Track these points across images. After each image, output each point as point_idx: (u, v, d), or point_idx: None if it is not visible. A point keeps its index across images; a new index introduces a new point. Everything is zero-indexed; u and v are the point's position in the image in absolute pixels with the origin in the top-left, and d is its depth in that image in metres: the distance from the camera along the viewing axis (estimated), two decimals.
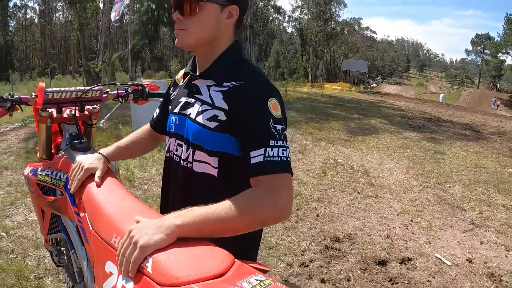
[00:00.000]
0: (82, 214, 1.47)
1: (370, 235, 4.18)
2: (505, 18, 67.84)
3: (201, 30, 1.31)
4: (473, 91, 70.47)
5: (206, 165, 1.31)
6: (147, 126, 1.77)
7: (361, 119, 14.58)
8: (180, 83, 1.55)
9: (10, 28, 68.87)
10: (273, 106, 1.23)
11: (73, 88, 1.95)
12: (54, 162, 1.81)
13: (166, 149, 1.50)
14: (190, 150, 1.35)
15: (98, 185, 1.46)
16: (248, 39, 40.32)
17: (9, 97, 1.83)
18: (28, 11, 74.30)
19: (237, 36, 1.40)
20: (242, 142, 1.23)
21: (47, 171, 1.77)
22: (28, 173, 1.88)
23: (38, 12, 75.17)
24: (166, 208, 1.53)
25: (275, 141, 1.17)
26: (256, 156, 1.16)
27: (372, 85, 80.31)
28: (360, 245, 3.91)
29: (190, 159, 1.35)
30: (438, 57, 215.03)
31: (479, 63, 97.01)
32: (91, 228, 1.34)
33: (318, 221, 4.48)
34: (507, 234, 4.54)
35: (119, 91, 2.14)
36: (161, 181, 4.24)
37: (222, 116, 1.26)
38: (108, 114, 9.91)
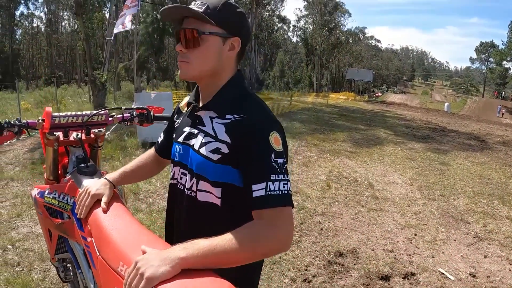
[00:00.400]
0: (89, 239, 1.50)
1: (373, 250, 4.21)
2: (509, 26, 67.85)
3: (203, 62, 1.34)
4: (478, 99, 70.28)
5: (210, 194, 1.34)
6: (152, 151, 1.81)
7: (366, 129, 14.61)
8: (184, 111, 1.58)
9: (17, 36, 69.60)
10: (274, 140, 1.26)
11: (79, 113, 1.99)
12: (61, 185, 1.84)
13: (171, 177, 1.53)
14: (194, 180, 1.37)
15: (105, 211, 1.50)
16: (253, 49, 40.50)
17: (17, 122, 1.86)
18: (34, 20, 75.24)
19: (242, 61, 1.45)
20: (244, 175, 1.26)
21: (55, 194, 1.80)
22: (35, 195, 1.91)
23: (44, 21, 76.10)
24: (171, 233, 1.57)
25: (276, 175, 1.20)
26: (258, 190, 1.19)
27: (377, 94, 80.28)
28: (363, 260, 3.94)
29: (194, 188, 1.38)
30: (443, 65, 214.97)
31: (483, 71, 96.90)
32: (98, 254, 1.38)
33: (322, 236, 4.51)
34: (511, 247, 4.55)
35: (124, 115, 2.18)
36: (165, 194, 4.28)
37: (224, 149, 1.29)
38: (114, 126, 10.07)
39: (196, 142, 1.38)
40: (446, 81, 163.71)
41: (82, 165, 1.87)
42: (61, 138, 1.94)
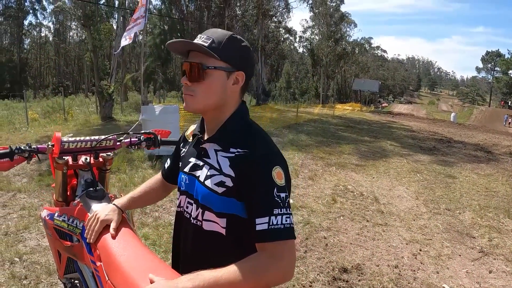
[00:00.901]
0: (98, 264, 1.55)
1: (378, 265, 4.23)
2: None
3: (208, 96, 1.38)
4: (485, 109, 69.97)
5: (215, 224, 1.39)
6: (159, 176, 1.86)
7: (372, 141, 14.60)
8: (190, 140, 1.63)
9: (25, 46, 70.42)
10: (277, 174, 1.29)
11: (87, 138, 2.04)
12: (70, 208, 1.89)
13: (177, 205, 1.59)
14: (200, 210, 1.42)
15: (113, 237, 1.56)
16: (260, 60, 40.53)
17: (27, 147, 1.92)
18: (42, 29, 76.17)
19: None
20: (248, 208, 1.30)
21: (64, 217, 1.85)
22: (45, 216, 1.96)
23: (52, 31, 77.05)
24: (177, 259, 1.62)
25: (279, 209, 1.24)
26: (261, 224, 1.23)
27: (383, 105, 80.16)
28: (368, 276, 3.96)
29: (199, 218, 1.42)
30: (449, 75, 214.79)
31: (490, 80, 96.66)
32: (107, 278, 1.44)
33: (327, 251, 4.54)
34: None
35: (132, 139, 2.22)
36: (172, 208, 4.35)
37: (229, 183, 1.33)
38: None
39: (201, 174, 1.42)
40: (452, 91, 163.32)
41: (91, 189, 1.93)
42: (70, 162, 2.00)
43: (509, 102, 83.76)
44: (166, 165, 1.81)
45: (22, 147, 1.90)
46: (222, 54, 1.35)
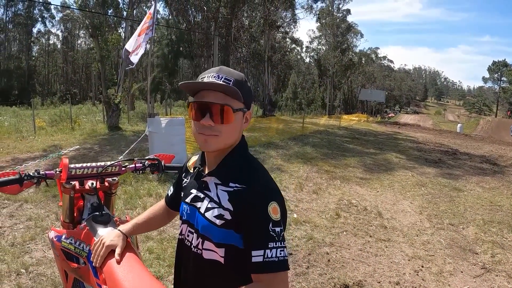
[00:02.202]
0: (104, 287, 1.61)
1: (379, 282, 4.26)
2: None
3: (231, 136, 1.46)
4: (491, 119, 69.58)
5: (214, 253, 1.45)
6: (162, 202, 1.92)
7: (377, 154, 14.61)
8: (191, 171, 1.69)
9: (33, 53, 71.08)
10: (273, 210, 1.36)
11: (94, 164, 2.10)
12: (77, 232, 1.95)
13: (179, 232, 1.66)
14: (200, 239, 1.48)
15: (118, 262, 1.62)
16: (266, 70, 40.72)
17: (36, 173, 1.98)
18: (51, 37, 76.90)
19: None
20: (245, 241, 1.37)
21: (71, 240, 1.92)
22: (52, 238, 2.02)
23: (60, 39, 77.87)
24: (178, 285, 1.68)
25: (274, 243, 1.31)
26: (257, 256, 1.30)
27: (390, 115, 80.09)
28: None
29: (200, 246, 1.48)
30: (456, 85, 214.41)
31: (496, 90, 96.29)
32: None
33: (329, 267, 4.57)
34: None
35: (136, 165, 2.28)
36: (177, 221, 4.43)
37: (227, 216, 1.40)
38: (127, 150, 10.21)
39: (202, 205, 1.49)
40: (459, 101, 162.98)
41: (97, 213, 1.99)
42: (77, 186, 2.06)
43: None
44: (169, 193, 1.87)
45: (31, 174, 1.97)
46: (243, 96, 1.42)
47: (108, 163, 2.14)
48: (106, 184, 2.15)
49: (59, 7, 67.02)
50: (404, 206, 7.36)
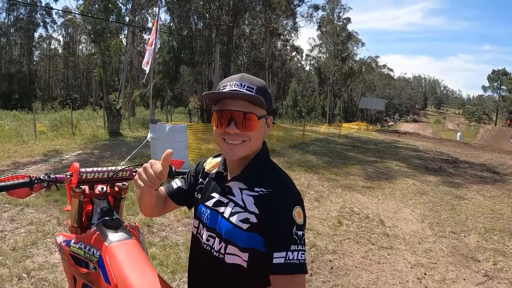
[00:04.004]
0: None
1: None
2: None
3: (256, 143, 1.48)
4: (491, 128, 69.74)
5: (237, 257, 1.45)
6: (162, 190, 1.82)
7: (378, 162, 14.65)
8: (210, 173, 1.69)
9: (34, 57, 71.24)
10: (297, 214, 1.38)
11: (105, 169, 2.07)
12: (87, 236, 1.92)
13: (197, 232, 1.64)
14: (223, 244, 1.47)
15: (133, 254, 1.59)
16: (267, 78, 40.88)
17: (46, 177, 1.94)
18: (52, 42, 77.08)
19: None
20: (267, 243, 1.37)
21: (81, 245, 1.88)
22: (61, 242, 1.99)
23: (62, 44, 77.99)
24: (194, 283, 1.67)
25: (296, 246, 1.33)
26: (278, 258, 1.31)
27: (389, 123, 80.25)
28: None
29: (222, 251, 1.47)
30: (455, 93, 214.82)
31: (496, 99, 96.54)
32: None
33: (332, 275, 4.56)
34: None
35: None
36: (179, 228, 4.36)
37: (253, 219, 1.41)
38: (129, 156, 10.22)
39: (226, 210, 1.49)
40: (459, 109, 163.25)
41: (107, 218, 1.96)
42: (87, 191, 2.04)
43: None
44: (175, 185, 1.82)
45: (42, 177, 1.94)
46: (266, 103, 1.45)
47: (119, 167, 2.12)
48: (116, 189, 2.13)
49: (60, 12, 67.36)
50: (406, 214, 7.36)
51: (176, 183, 1.82)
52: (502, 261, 5.31)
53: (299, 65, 75.30)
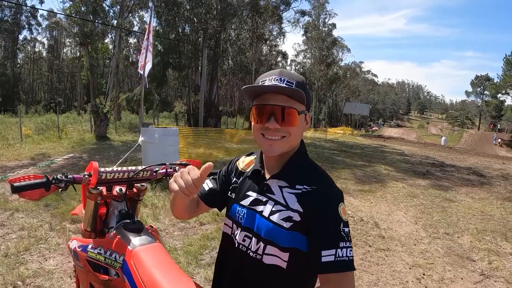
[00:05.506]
0: None
1: None
2: (504, 59, 68.95)
3: (296, 138, 1.46)
4: (474, 132, 70.77)
5: (277, 258, 1.41)
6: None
7: (366, 166, 14.75)
8: (245, 171, 1.65)
9: (19, 60, 70.08)
10: (343, 210, 1.37)
11: (125, 168, 1.99)
12: (107, 241, 1.83)
13: (232, 232, 1.59)
14: (261, 244, 1.42)
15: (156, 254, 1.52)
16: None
17: (63, 177, 1.80)
18: (37, 44, 76.31)
19: None
20: (313, 241, 1.35)
21: (100, 250, 1.79)
22: (75, 248, 1.91)
23: (46, 47, 77.12)
24: (220, 282, 1.62)
25: (344, 243, 1.30)
26: (328, 256, 1.28)
27: (373, 128, 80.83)
28: None
29: (260, 252, 1.43)
30: (439, 98, 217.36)
31: (479, 104, 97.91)
32: None
33: None
34: None
35: (168, 170, 2.14)
36: (175, 232, 4.27)
37: (296, 217, 1.38)
38: (122, 159, 10.13)
39: (265, 209, 1.45)
40: (442, 114, 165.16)
41: (128, 221, 1.88)
42: (105, 192, 1.95)
43: (498, 125, 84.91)
44: (206, 187, 1.76)
45: (59, 177, 1.81)
46: (306, 98, 1.43)
47: (140, 167, 2.04)
48: (135, 190, 2.04)
49: (46, 14, 66.73)
50: (399, 217, 7.41)
51: (208, 184, 1.77)
52: (497, 260, 5.39)
53: None
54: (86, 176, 1.87)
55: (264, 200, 1.47)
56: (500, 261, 5.37)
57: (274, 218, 1.41)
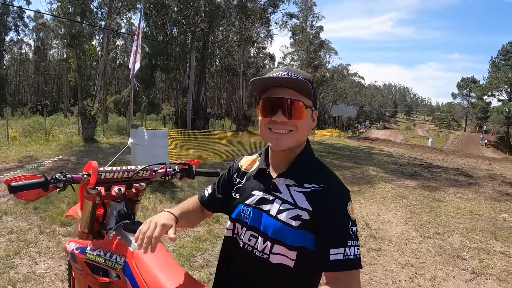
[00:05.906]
0: None
1: None
2: (490, 62, 69.84)
3: (303, 133, 1.45)
4: (461, 134, 71.53)
5: (284, 257, 1.39)
6: (195, 200, 1.78)
7: (355, 167, 14.82)
8: (248, 171, 1.64)
9: (5, 62, 68.94)
10: (351, 209, 1.37)
11: (124, 168, 1.95)
12: (106, 242, 1.79)
13: (235, 233, 1.56)
14: (268, 243, 1.40)
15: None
16: (241, 85, 41.03)
17: (62, 177, 1.76)
18: (23, 46, 75.36)
19: None
20: (321, 240, 1.34)
21: (99, 252, 1.75)
22: (73, 250, 1.87)
23: (33, 48, 76.18)
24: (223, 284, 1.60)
25: (352, 241, 1.31)
26: (336, 254, 1.28)
27: (360, 130, 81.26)
28: None
29: (267, 251, 1.41)
30: (425, 101, 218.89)
31: (465, 106, 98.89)
32: None
33: None
34: (508, 281, 4.70)
35: (167, 170, 2.11)
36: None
37: (305, 216, 1.37)
38: (111, 161, 10.06)
39: (272, 208, 1.43)
40: (428, 116, 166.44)
41: (128, 221, 1.85)
42: (103, 192, 1.92)
43: (484, 126, 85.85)
44: (207, 193, 1.78)
45: (57, 177, 1.75)
46: (313, 93, 1.43)
47: (139, 167, 2.00)
48: (133, 190, 2.00)
49: (32, 15, 66.06)
50: (389, 217, 7.45)
51: (208, 190, 1.78)
52: (487, 258, 5.44)
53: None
54: (85, 175, 1.84)
55: (270, 198, 1.46)
56: (491, 259, 5.43)
57: (282, 216, 1.39)
